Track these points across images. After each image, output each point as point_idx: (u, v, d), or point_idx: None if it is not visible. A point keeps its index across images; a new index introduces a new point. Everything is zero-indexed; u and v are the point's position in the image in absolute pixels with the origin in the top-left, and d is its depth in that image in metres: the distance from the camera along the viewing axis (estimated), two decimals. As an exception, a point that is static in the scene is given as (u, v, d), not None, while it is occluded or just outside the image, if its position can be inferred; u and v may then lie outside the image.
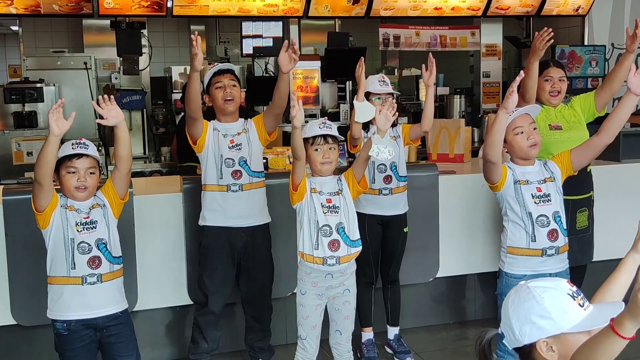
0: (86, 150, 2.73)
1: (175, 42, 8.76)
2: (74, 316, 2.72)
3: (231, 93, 3.38)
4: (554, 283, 1.62)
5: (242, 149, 3.39)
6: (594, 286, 1.87)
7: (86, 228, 2.73)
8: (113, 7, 6.03)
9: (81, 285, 2.71)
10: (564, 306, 1.57)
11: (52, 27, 8.13)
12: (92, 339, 2.77)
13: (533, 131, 3.02)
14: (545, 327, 1.57)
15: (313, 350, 3.10)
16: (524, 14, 7.43)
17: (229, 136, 3.40)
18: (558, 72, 3.74)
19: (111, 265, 2.76)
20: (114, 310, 2.78)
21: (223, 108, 3.40)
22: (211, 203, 3.39)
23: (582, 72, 7.26)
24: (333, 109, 7.03)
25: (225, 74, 3.41)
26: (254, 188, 3.41)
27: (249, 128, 3.45)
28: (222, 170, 3.36)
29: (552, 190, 3.05)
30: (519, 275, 2.99)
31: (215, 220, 3.40)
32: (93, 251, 2.72)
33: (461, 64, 8.37)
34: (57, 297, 2.74)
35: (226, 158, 3.36)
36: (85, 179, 2.71)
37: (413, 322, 4.28)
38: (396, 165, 3.72)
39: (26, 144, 5.95)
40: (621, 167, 4.56)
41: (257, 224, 3.45)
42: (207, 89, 3.44)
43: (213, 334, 3.50)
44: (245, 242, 3.42)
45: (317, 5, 6.61)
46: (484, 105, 7.58)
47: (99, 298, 2.74)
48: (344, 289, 3.07)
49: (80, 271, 2.71)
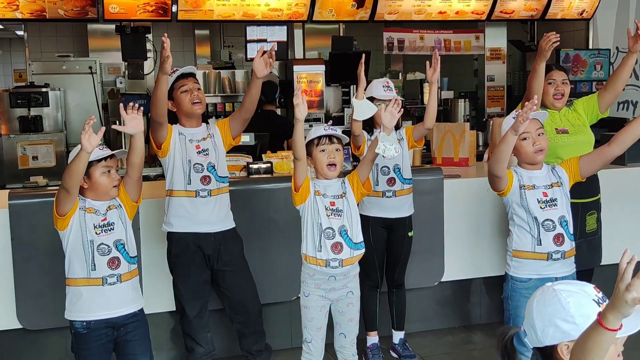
0: (111, 152, 2.83)
1: (180, 46, 8.77)
2: (94, 316, 2.76)
3: (198, 96, 3.34)
4: (581, 288, 1.63)
5: (210, 154, 3.35)
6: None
7: (104, 230, 2.77)
8: (118, 11, 6.06)
9: (101, 286, 2.75)
10: (588, 312, 1.57)
11: (57, 32, 8.16)
12: (110, 338, 2.81)
13: (539, 137, 3.01)
14: (569, 331, 1.58)
15: (318, 354, 3.10)
16: (529, 17, 7.43)
17: (195, 141, 3.35)
18: (561, 75, 3.75)
19: (129, 265, 2.82)
20: (132, 309, 2.84)
21: (192, 111, 3.34)
22: (178, 209, 3.34)
23: (586, 75, 7.26)
24: (337, 113, 7.03)
25: (189, 77, 3.37)
26: (221, 193, 3.39)
27: (213, 133, 3.41)
28: (191, 175, 3.31)
29: (559, 195, 3.04)
30: (524, 279, 2.99)
31: (183, 227, 3.35)
32: (112, 252, 2.77)
33: (465, 67, 8.38)
34: (76, 299, 2.78)
35: (195, 163, 3.32)
36: (117, 176, 2.82)
37: (418, 326, 4.27)
38: (400, 168, 3.72)
39: (31, 148, 5.98)
40: (627, 170, 4.54)
41: (225, 229, 3.41)
42: (169, 93, 3.34)
43: (203, 336, 3.47)
44: (215, 247, 3.37)
45: (321, 10, 6.63)
46: (488, 109, 7.58)
47: (118, 298, 2.79)
48: (347, 292, 3.07)
49: (101, 272, 2.75)
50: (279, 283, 3.85)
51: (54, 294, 3.56)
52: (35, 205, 3.57)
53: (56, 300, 3.57)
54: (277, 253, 3.84)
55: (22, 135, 6.02)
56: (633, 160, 4.58)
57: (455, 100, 7.31)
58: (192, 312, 3.43)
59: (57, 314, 3.60)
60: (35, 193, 3.98)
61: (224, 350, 3.82)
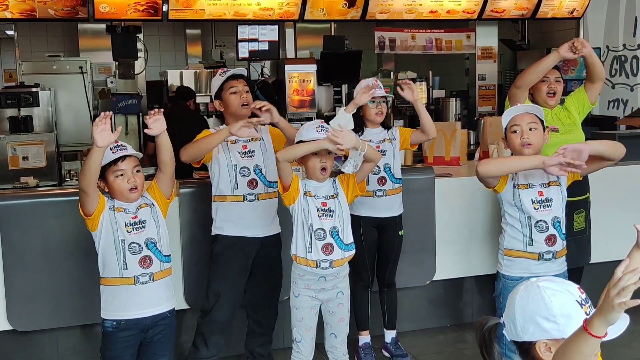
0: (126, 151, 2.78)
1: (171, 46, 8.75)
2: (127, 316, 2.76)
3: (247, 98, 3.38)
4: (565, 287, 1.62)
5: (256, 157, 3.37)
6: (591, 288, 1.87)
7: (135, 228, 2.77)
8: (108, 11, 6.03)
9: (134, 285, 2.75)
10: (570, 312, 1.57)
11: (48, 32, 8.12)
12: (137, 340, 2.81)
13: (529, 131, 2.96)
14: (549, 330, 1.59)
15: (308, 353, 3.10)
16: (519, 16, 7.45)
17: (242, 141, 3.35)
18: (554, 73, 3.77)
19: (162, 263, 2.81)
20: (165, 309, 2.84)
21: (239, 114, 3.36)
22: (226, 213, 3.36)
23: (577, 74, 7.28)
24: (329, 113, 7.03)
25: (239, 79, 3.41)
26: (269, 198, 3.39)
27: (263, 137, 3.42)
28: (238, 180, 3.33)
29: (555, 194, 3.01)
30: (516, 277, 2.99)
31: (230, 231, 3.37)
32: (143, 251, 2.77)
33: (457, 66, 8.39)
34: (111, 298, 2.78)
35: (242, 167, 3.34)
36: (134, 179, 2.77)
37: (410, 325, 4.28)
38: (390, 167, 3.72)
39: (21, 148, 5.94)
40: (618, 169, 4.54)
41: (271, 234, 3.44)
42: (218, 93, 3.42)
43: (216, 341, 3.45)
44: (259, 250, 3.40)
45: (312, 9, 6.62)
46: (479, 108, 7.60)
47: (152, 297, 2.79)
48: (337, 292, 3.07)
49: (133, 271, 2.75)
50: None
51: (44, 295, 3.55)
52: (26, 206, 3.56)
53: (47, 301, 3.57)
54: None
55: (12, 135, 5.97)
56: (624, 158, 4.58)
57: (447, 99, 7.33)
58: (220, 315, 3.41)
59: (48, 315, 3.60)
60: (26, 194, 3.96)
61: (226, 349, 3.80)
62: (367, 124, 3.75)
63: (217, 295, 3.40)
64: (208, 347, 3.44)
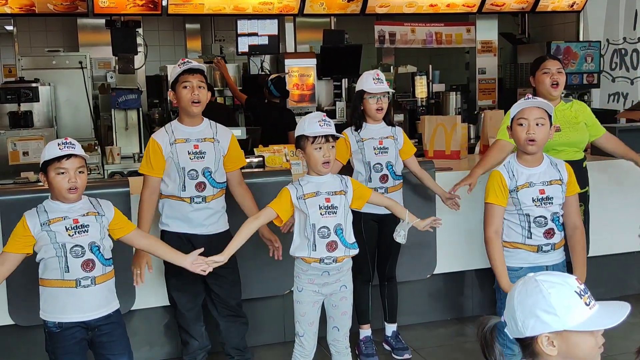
0: (74, 150, 2.68)
1: (171, 40, 8.74)
2: (67, 318, 2.71)
3: (199, 95, 3.27)
4: (563, 279, 1.62)
5: (206, 158, 3.29)
6: (589, 282, 1.87)
7: (78, 232, 2.69)
8: (108, 6, 6.03)
9: (75, 289, 2.68)
10: (569, 303, 1.57)
11: (47, 27, 8.11)
12: (84, 336, 2.76)
13: (536, 127, 2.90)
14: (549, 323, 1.58)
15: (311, 347, 3.10)
16: (519, 10, 7.44)
17: (193, 141, 3.29)
18: (555, 64, 3.77)
19: (104, 267, 2.74)
20: (106, 312, 2.77)
21: (188, 110, 3.29)
22: (172, 211, 3.33)
23: (577, 68, 7.27)
24: (329, 107, 7.03)
25: (195, 74, 3.29)
26: (216, 199, 3.35)
27: (220, 140, 3.35)
28: (186, 182, 3.28)
29: (557, 192, 2.98)
30: (515, 267, 2.99)
31: (176, 228, 3.34)
32: (86, 254, 2.69)
33: (457, 60, 8.39)
34: (50, 299, 2.72)
35: (189, 170, 3.27)
36: (75, 180, 2.68)
37: (411, 318, 4.28)
38: (392, 165, 3.72)
39: (22, 143, 5.94)
40: (617, 162, 4.55)
41: (219, 231, 3.39)
42: (172, 85, 3.32)
43: (197, 330, 3.47)
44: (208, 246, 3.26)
45: (312, 3, 6.61)
46: (479, 102, 7.60)
47: (92, 300, 2.72)
48: (340, 285, 3.06)
49: (74, 274, 2.68)
50: (272, 277, 3.85)
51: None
52: (26, 201, 3.54)
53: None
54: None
55: (12, 130, 5.97)
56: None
57: (447, 93, 7.32)
58: (184, 305, 3.43)
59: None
60: (26, 189, 3.96)
61: (219, 345, 3.81)
62: (367, 119, 3.73)
63: (175, 289, 3.42)
64: (194, 337, 3.46)
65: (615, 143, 4.01)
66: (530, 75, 3.90)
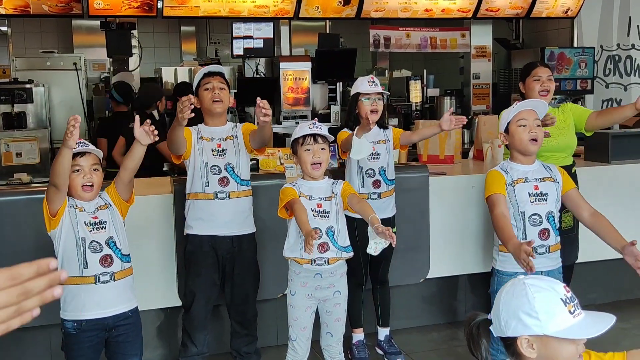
0: (87, 148, 2.76)
1: (166, 43, 8.73)
2: (87, 316, 2.73)
3: (219, 95, 3.35)
4: (550, 285, 1.64)
5: (227, 155, 3.35)
6: (579, 287, 1.88)
7: (96, 228, 2.75)
8: (103, 7, 6.02)
9: (94, 285, 2.72)
10: (553, 309, 1.59)
11: (42, 28, 8.09)
12: (100, 339, 2.79)
13: (536, 127, 3.01)
14: (530, 326, 1.60)
15: (303, 352, 3.10)
16: (514, 15, 7.47)
17: (216, 140, 3.36)
18: (546, 71, 3.79)
19: (122, 263, 2.79)
20: (125, 309, 2.81)
21: (210, 109, 3.37)
22: (196, 212, 3.36)
23: (571, 73, 7.31)
24: (324, 110, 7.03)
25: (215, 76, 3.40)
26: (241, 197, 3.38)
27: (237, 134, 3.41)
28: (209, 178, 3.32)
29: (551, 189, 3.03)
30: (510, 272, 2.99)
31: (200, 229, 3.37)
32: (104, 250, 2.74)
33: (451, 65, 8.41)
34: (70, 298, 2.75)
35: (212, 165, 3.32)
36: (90, 176, 2.74)
37: (404, 323, 4.29)
38: (385, 170, 3.72)
39: (15, 144, 5.92)
40: (610, 168, 4.58)
41: (242, 233, 3.42)
42: (195, 90, 3.43)
43: (201, 337, 3.47)
44: (231, 249, 3.39)
45: (307, 7, 6.62)
46: (474, 107, 7.61)
47: (112, 296, 2.76)
48: (334, 291, 3.06)
49: (93, 270, 2.72)
50: (265, 280, 3.84)
51: (38, 292, 3.54)
52: (20, 202, 3.55)
53: (40, 298, 3.55)
54: (263, 250, 3.83)
55: (6, 132, 5.95)
56: (616, 157, 4.62)
57: (441, 97, 7.34)
58: (198, 311, 3.42)
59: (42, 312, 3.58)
60: (20, 190, 3.95)
61: (215, 347, 3.81)
62: (361, 121, 3.73)
63: (192, 292, 3.42)
64: (195, 344, 3.45)
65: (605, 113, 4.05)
66: (520, 81, 3.92)
